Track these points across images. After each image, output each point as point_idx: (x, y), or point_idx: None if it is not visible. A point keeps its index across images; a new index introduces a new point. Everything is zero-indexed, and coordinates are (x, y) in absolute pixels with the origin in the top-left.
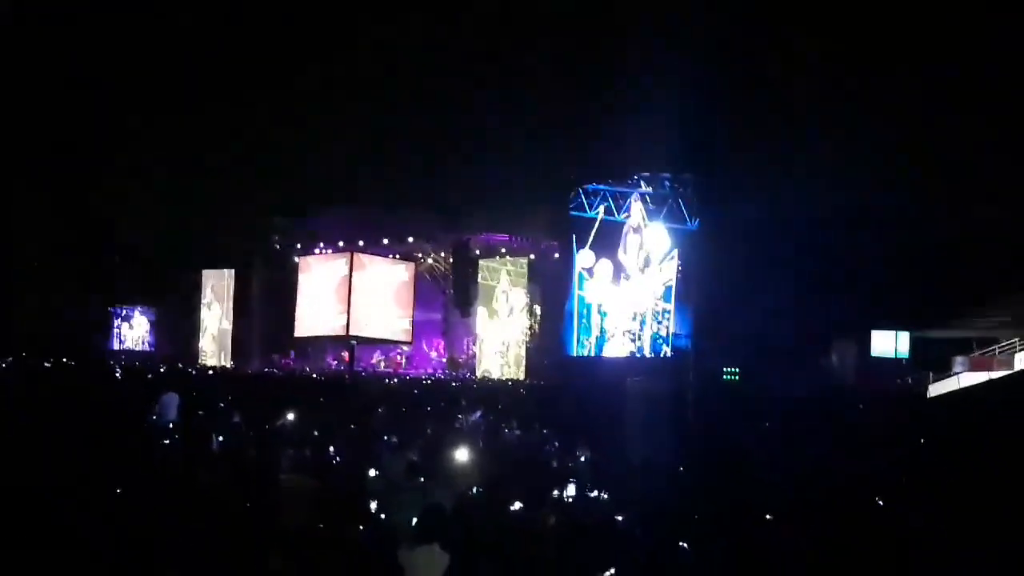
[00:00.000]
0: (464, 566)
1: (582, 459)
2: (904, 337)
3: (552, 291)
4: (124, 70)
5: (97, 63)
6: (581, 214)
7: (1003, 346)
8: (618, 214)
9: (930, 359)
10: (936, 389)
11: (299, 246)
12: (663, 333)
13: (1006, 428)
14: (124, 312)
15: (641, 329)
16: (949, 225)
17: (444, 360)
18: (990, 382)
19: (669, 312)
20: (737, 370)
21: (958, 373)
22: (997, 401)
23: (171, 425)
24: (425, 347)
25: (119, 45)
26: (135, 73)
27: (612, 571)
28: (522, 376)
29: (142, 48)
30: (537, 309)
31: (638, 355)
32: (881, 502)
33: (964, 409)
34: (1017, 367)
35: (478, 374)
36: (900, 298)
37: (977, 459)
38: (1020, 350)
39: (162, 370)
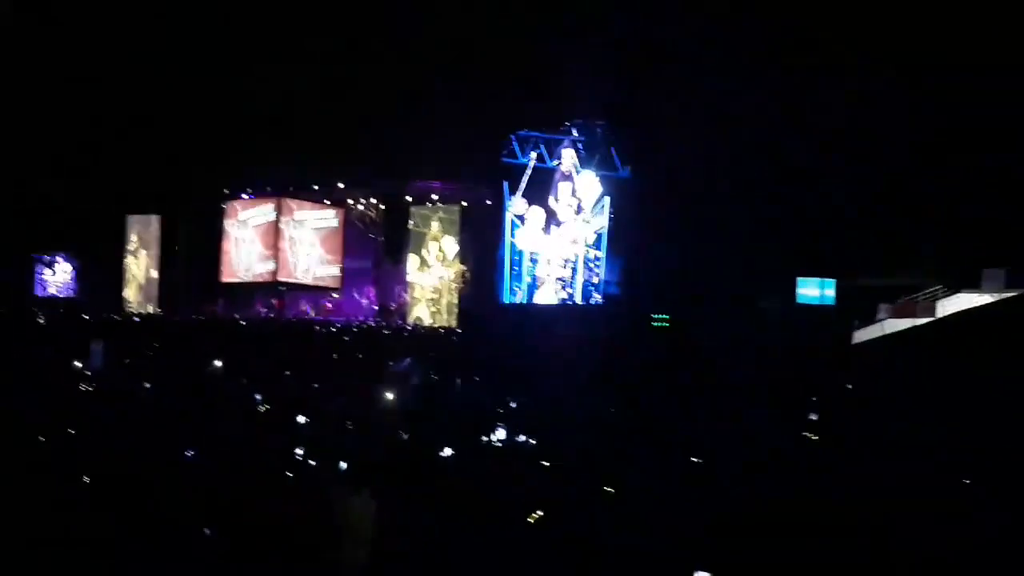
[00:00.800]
0: (392, 511)
1: (513, 405)
2: (830, 284)
3: (484, 239)
4: (41, 13)
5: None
6: (513, 161)
7: (926, 293)
8: (550, 161)
9: (857, 307)
10: (860, 336)
11: (226, 191)
12: (594, 280)
13: (926, 373)
14: (47, 259)
15: (573, 276)
16: (875, 175)
17: (375, 308)
18: (913, 328)
19: (600, 259)
20: (667, 317)
21: (882, 320)
22: (919, 347)
23: (97, 372)
24: (356, 294)
25: None
26: (54, 17)
27: (539, 513)
28: (454, 324)
29: None
30: (469, 257)
31: (569, 302)
32: (809, 440)
33: (886, 355)
34: (939, 314)
35: (409, 322)
36: (827, 246)
37: (897, 403)
38: (942, 297)
39: (87, 318)
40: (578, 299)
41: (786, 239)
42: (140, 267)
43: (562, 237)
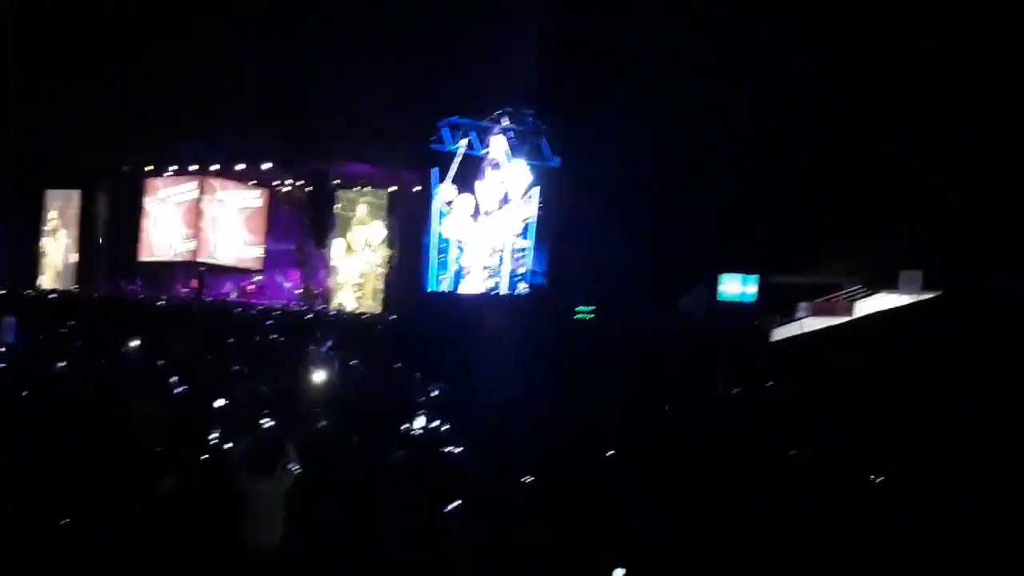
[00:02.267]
0: (305, 497)
1: (434, 393)
2: (752, 281)
3: (411, 225)
4: None
5: None
6: (442, 148)
7: (846, 293)
8: (479, 149)
9: (778, 304)
10: (780, 333)
11: (149, 168)
12: (521, 271)
13: (841, 372)
14: None
15: (499, 266)
16: (800, 172)
17: (298, 291)
18: (829, 328)
19: (528, 249)
20: (591, 308)
21: (801, 318)
22: (833, 346)
23: (5, 349)
24: (279, 277)
25: None
26: None
27: (459, 503)
28: (379, 310)
29: None
30: (395, 243)
31: (495, 292)
32: (725, 437)
33: (801, 353)
34: (856, 314)
35: (333, 306)
36: (751, 242)
37: (808, 400)
38: (862, 297)
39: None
40: (504, 289)
41: (710, 234)
42: (58, 243)
43: (490, 226)
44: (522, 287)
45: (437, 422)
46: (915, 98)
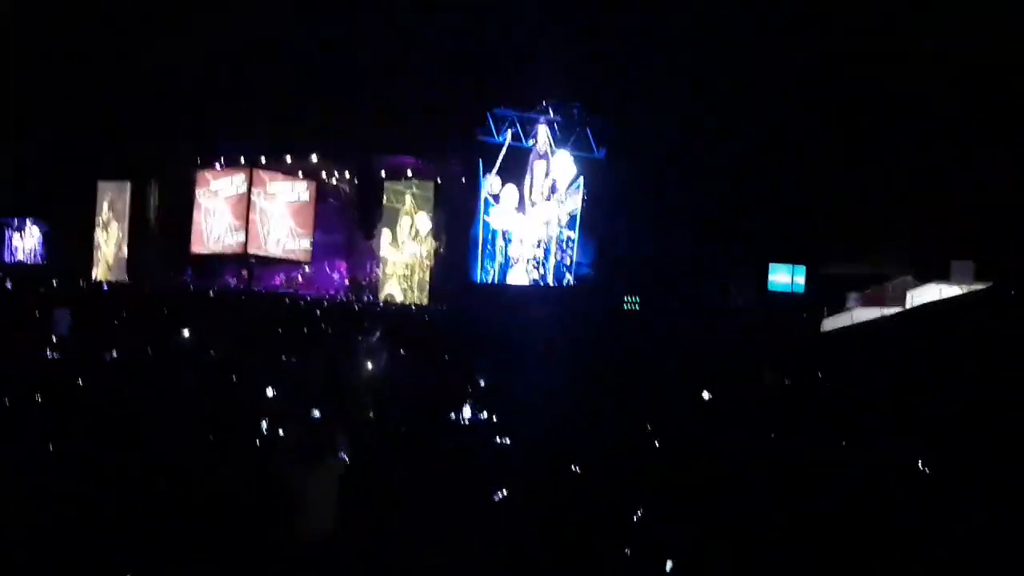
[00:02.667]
0: (354, 485)
1: (481, 384)
2: (800, 272)
3: (457, 216)
4: None
5: None
6: (489, 139)
7: (896, 283)
8: (525, 140)
9: (826, 294)
10: (830, 324)
11: (199, 160)
12: (567, 262)
13: (897, 364)
14: (16, 223)
15: (545, 257)
16: (850, 165)
17: (346, 282)
18: (882, 318)
19: (573, 240)
20: (637, 299)
21: (851, 309)
22: (888, 337)
23: (61, 338)
24: (327, 268)
25: None
26: None
27: (504, 492)
28: (425, 301)
29: None
30: (442, 234)
31: (541, 283)
32: (772, 435)
33: (856, 344)
34: (908, 304)
35: (381, 297)
36: (800, 233)
37: (866, 394)
38: (912, 287)
39: (55, 284)
40: (550, 280)
41: (759, 225)
42: (110, 235)
43: (536, 217)
44: (568, 278)
45: (484, 413)
46: (963, 88)
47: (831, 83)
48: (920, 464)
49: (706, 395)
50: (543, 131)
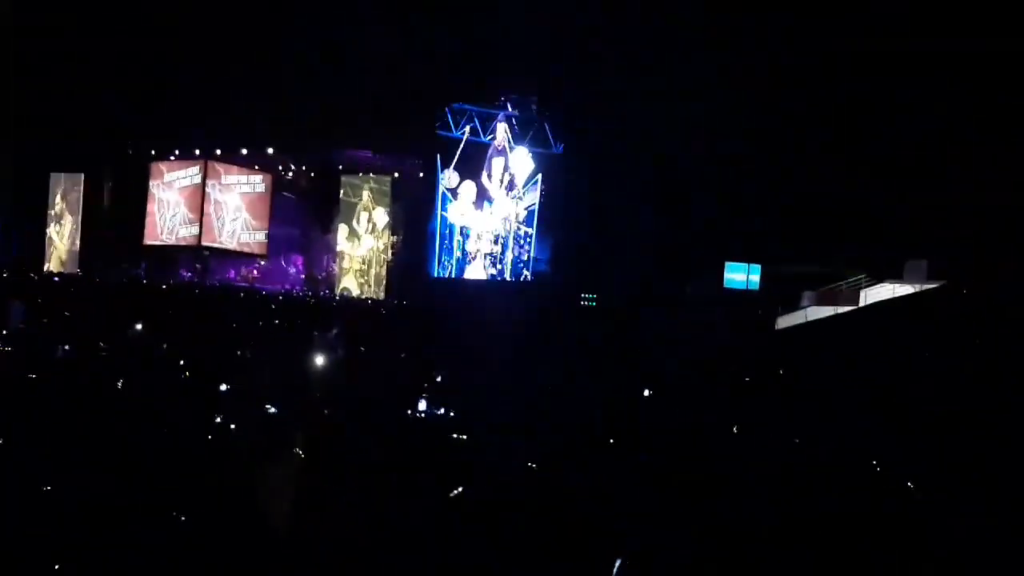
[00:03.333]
0: (313, 482)
1: (438, 379)
2: (756, 270)
3: (415, 211)
4: None
5: None
6: (447, 134)
7: (850, 282)
8: (483, 135)
9: (781, 293)
10: (784, 322)
11: (153, 152)
12: (524, 257)
13: (849, 361)
14: None
15: (503, 253)
16: (804, 163)
17: (302, 276)
18: (835, 316)
19: (531, 236)
20: (595, 296)
21: (805, 307)
22: (840, 335)
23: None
24: (283, 262)
25: None
26: None
27: (460, 489)
28: (382, 296)
29: None
30: (399, 229)
31: (499, 278)
32: (735, 429)
33: (808, 341)
34: (862, 303)
35: (337, 292)
36: (754, 232)
37: (815, 390)
38: (866, 286)
39: (5, 275)
40: (508, 275)
41: (715, 223)
42: (63, 227)
43: (493, 213)
44: (526, 274)
45: (442, 409)
46: (918, 90)
47: (790, 81)
48: (875, 460)
49: (646, 392)
50: (501, 127)
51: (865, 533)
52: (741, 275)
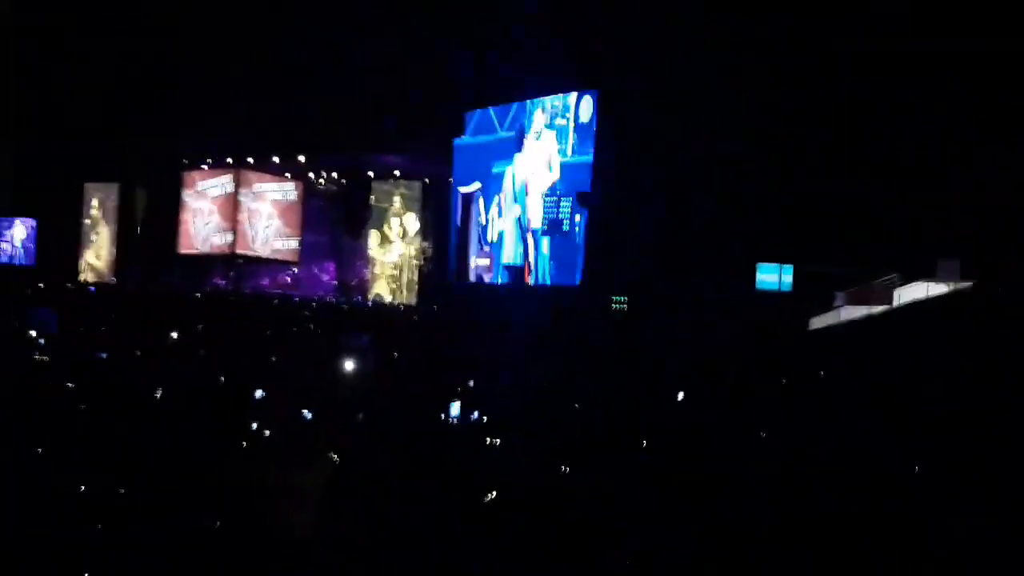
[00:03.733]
0: (346, 487)
1: (470, 383)
2: (788, 271)
3: (445, 216)
4: None
5: None
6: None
7: (882, 281)
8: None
9: (815, 293)
10: (818, 323)
11: (186, 161)
12: (553, 261)
13: (883, 360)
14: (4, 224)
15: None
16: (836, 164)
17: (335, 283)
18: (869, 316)
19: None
20: (625, 299)
21: (839, 307)
22: (876, 334)
23: (47, 340)
24: (315, 269)
25: None
26: None
27: (493, 494)
28: (414, 301)
29: None
30: (430, 234)
31: (529, 282)
32: (763, 434)
33: (844, 342)
34: (895, 302)
35: (370, 298)
36: (786, 233)
37: (851, 389)
38: (899, 285)
39: (41, 286)
40: (537, 279)
41: (746, 225)
42: (98, 236)
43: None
44: (555, 277)
45: (476, 413)
46: (950, 86)
47: (817, 83)
48: (911, 463)
49: (680, 396)
50: (538, 116)
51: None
52: (773, 276)
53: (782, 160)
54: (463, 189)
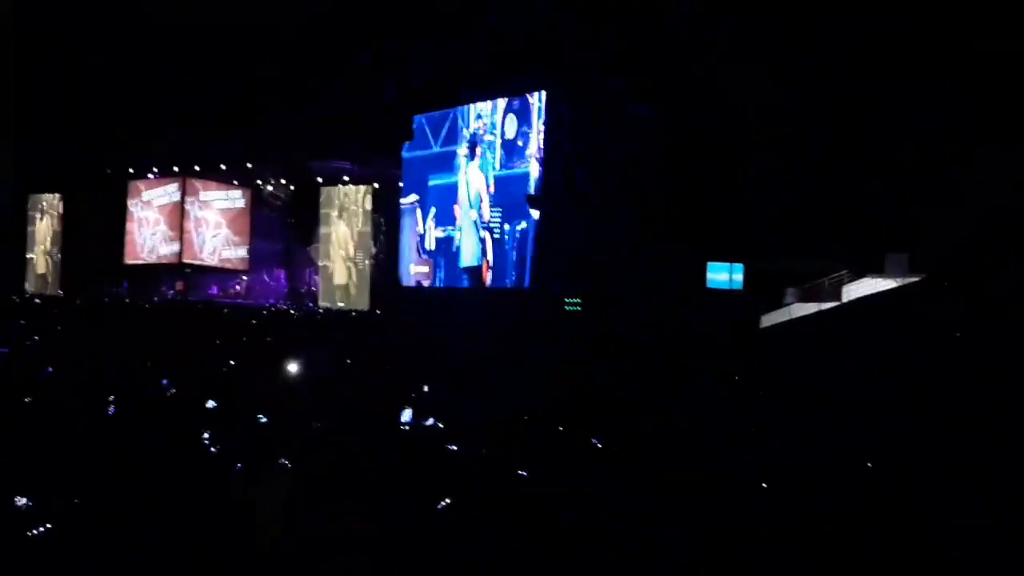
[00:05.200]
0: (301, 496)
1: (424, 388)
2: (739, 270)
3: (396, 221)
4: None
5: None
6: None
7: (831, 278)
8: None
9: (765, 291)
10: (768, 320)
11: (132, 170)
12: (507, 263)
13: (833, 357)
14: None
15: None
16: (783, 159)
17: (285, 290)
18: (819, 312)
19: (512, 241)
20: (579, 300)
21: (789, 304)
22: (825, 331)
23: None
24: (265, 277)
25: None
26: None
27: (447, 501)
28: (366, 307)
29: None
30: (380, 239)
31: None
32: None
33: (794, 339)
34: (844, 299)
35: (321, 304)
36: (735, 231)
37: (802, 387)
38: (848, 281)
39: None
40: (489, 281)
41: (696, 223)
42: (42, 247)
43: (473, 220)
44: (508, 279)
45: (431, 419)
46: (897, 81)
47: (771, 78)
48: (864, 457)
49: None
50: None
51: (865, 533)
52: (724, 275)
53: (731, 159)
54: (402, 201)
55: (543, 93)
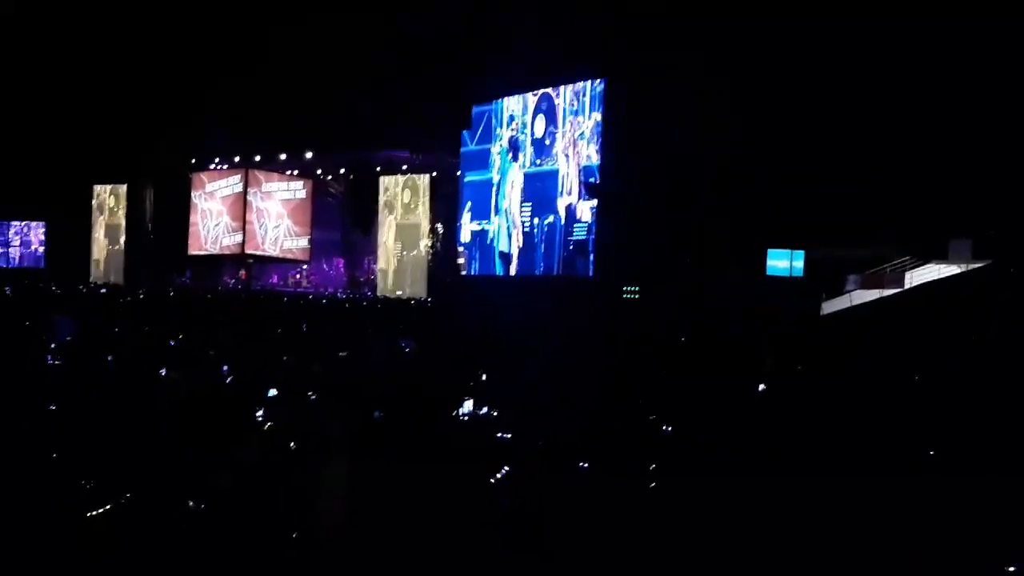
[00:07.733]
0: (360, 483)
1: (483, 377)
2: (799, 256)
3: (454, 209)
4: None
5: None
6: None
7: (894, 264)
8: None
9: (825, 278)
10: (829, 307)
11: (193, 161)
12: (563, 252)
13: (896, 344)
14: (14, 227)
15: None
16: (845, 146)
17: (345, 279)
18: (881, 299)
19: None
20: (637, 289)
21: (850, 291)
22: (888, 318)
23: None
24: (325, 266)
25: None
26: None
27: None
28: (424, 295)
29: None
30: (439, 227)
31: (540, 274)
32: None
33: (855, 327)
34: (907, 285)
35: (380, 293)
36: (797, 218)
37: (866, 375)
38: (911, 268)
39: (55, 289)
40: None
41: (756, 210)
42: (107, 238)
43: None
44: (565, 268)
45: (485, 408)
46: (955, 67)
47: (826, 65)
48: (927, 450)
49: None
50: (540, 120)
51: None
52: (784, 262)
53: (791, 145)
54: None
55: (601, 81)
